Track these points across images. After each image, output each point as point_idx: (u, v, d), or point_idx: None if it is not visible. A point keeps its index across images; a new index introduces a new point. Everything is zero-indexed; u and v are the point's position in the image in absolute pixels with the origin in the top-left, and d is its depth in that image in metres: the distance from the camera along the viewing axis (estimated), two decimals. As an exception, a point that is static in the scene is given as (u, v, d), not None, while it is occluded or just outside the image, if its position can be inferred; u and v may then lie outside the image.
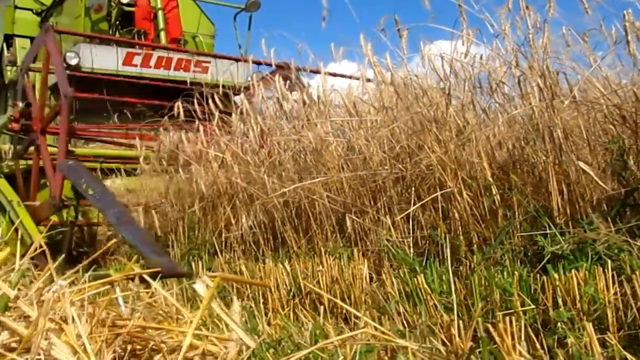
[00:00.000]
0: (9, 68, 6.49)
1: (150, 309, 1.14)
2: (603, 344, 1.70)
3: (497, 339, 1.33)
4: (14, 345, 0.81)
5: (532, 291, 2.04)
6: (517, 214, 2.53)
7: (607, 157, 2.43)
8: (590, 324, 1.34)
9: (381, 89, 2.96)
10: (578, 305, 1.87)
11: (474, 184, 2.69)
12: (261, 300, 3.16)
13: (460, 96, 2.71)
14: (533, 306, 1.96)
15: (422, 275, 2.41)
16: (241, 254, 3.93)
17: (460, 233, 2.73)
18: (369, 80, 3.21)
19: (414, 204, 2.86)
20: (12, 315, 0.88)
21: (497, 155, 2.57)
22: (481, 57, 2.72)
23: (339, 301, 2.50)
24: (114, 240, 4.07)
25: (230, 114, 4.11)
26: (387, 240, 2.94)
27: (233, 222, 3.90)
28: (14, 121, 4.81)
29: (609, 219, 2.19)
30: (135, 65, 5.78)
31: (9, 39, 6.72)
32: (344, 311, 2.86)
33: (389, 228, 2.97)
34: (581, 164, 2.11)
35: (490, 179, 2.61)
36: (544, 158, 2.45)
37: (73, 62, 5.50)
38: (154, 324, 1.03)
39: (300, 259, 3.31)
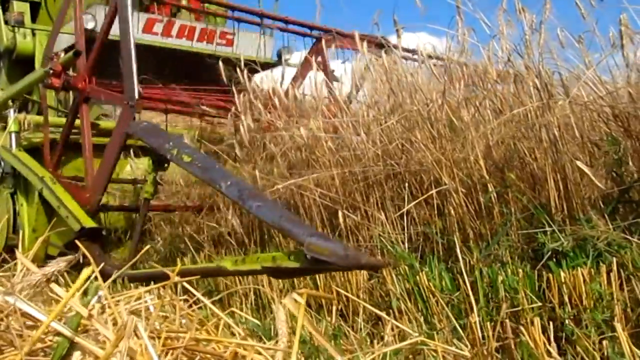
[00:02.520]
0: (7, 31, 5.53)
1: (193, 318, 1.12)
2: (610, 338, 1.76)
3: (526, 339, 1.36)
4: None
5: (537, 288, 2.09)
6: (513, 210, 2.58)
7: (601, 156, 2.51)
8: (619, 324, 1.38)
9: (376, 87, 2.96)
10: (585, 302, 1.93)
11: (470, 180, 2.73)
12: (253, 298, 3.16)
13: (456, 94, 2.74)
14: (540, 303, 2.01)
15: (423, 272, 2.44)
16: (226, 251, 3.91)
17: (456, 229, 2.77)
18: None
19: (407, 200, 2.89)
20: (86, 334, 0.85)
21: (494, 152, 2.61)
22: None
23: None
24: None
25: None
26: (380, 235, 2.96)
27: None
28: (54, 75, 3.86)
29: (605, 216, 2.25)
30: (156, 34, 5.06)
31: (5, 2, 5.97)
32: (340, 308, 2.88)
33: (382, 224, 2.99)
34: (579, 163, 2.17)
35: (487, 176, 2.66)
36: (540, 156, 2.51)
37: (89, 25, 4.54)
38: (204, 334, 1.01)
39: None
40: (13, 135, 4.39)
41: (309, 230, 1.82)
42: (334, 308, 2.78)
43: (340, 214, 3.17)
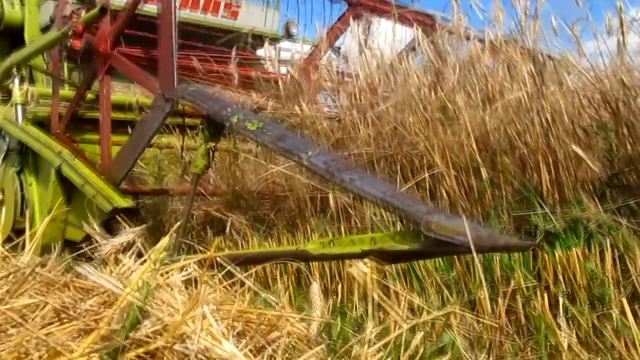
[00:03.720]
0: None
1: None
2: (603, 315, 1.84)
3: (538, 311, 1.41)
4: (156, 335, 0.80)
5: (533, 268, 2.16)
6: (505, 193, 2.65)
7: (589, 141, 2.58)
8: (625, 299, 1.44)
9: (369, 71, 2.99)
10: (579, 280, 2.00)
11: (461, 163, 2.78)
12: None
13: (451, 79, 2.79)
14: (535, 282, 2.08)
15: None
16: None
17: (448, 211, 2.83)
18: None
19: (400, 183, 2.93)
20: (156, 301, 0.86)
21: (491, 137, 2.66)
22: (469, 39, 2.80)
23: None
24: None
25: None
26: (373, 217, 3.00)
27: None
28: (75, 36, 3.41)
29: (595, 199, 2.33)
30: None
31: None
32: (333, 288, 2.92)
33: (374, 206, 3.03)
34: (574, 147, 2.23)
35: (479, 159, 2.71)
36: (533, 140, 2.57)
37: None
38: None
39: (283, 237, 3.33)
40: (19, 108, 3.88)
41: (426, 207, 1.54)
42: (329, 288, 2.82)
43: (331, 196, 3.20)
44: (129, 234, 1.01)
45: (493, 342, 1.47)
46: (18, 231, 3.17)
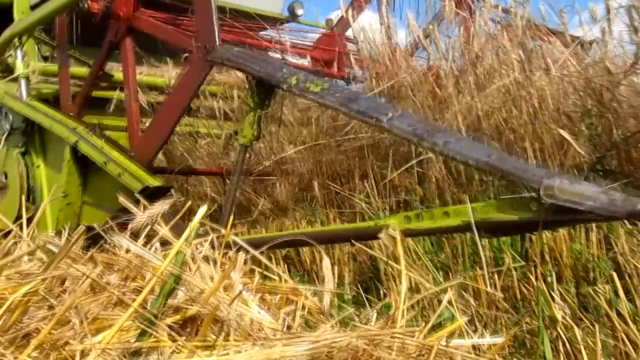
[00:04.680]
0: None
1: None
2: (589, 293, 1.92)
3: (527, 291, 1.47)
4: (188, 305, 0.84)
5: (520, 248, 2.23)
6: (491, 177, 2.71)
7: (574, 126, 2.66)
8: (615, 273, 1.51)
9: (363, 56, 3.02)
10: (565, 260, 2.08)
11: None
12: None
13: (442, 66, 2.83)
14: (523, 263, 2.15)
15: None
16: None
17: (436, 196, 2.89)
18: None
19: (390, 169, 2.98)
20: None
21: (483, 123, 2.72)
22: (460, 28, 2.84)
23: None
24: None
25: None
26: (362, 201, 3.05)
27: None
28: None
29: (580, 183, 2.41)
30: None
31: None
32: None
33: (364, 192, 3.08)
34: (562, 132, 2.30)
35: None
36: (520, 126, 2.64)
37: None
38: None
39: (270, 223, 3.36)
40: (23, 82, 3.48)
41: (543, 170, 1.37)
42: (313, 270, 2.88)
43: (316, 183, 3.24)
44: (164, 204, 1.03)
45: (490, 316, 1.53)
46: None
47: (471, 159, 1.45)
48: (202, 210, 0.87)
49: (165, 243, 1.04)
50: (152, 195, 2.38)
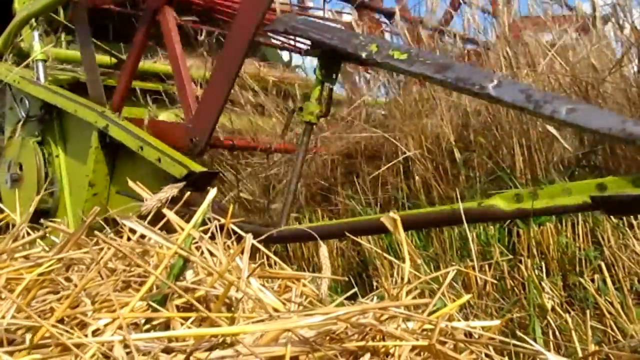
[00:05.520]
0: None
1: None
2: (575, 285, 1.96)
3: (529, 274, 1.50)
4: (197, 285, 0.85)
5: (507, 242, 2.27)
6: (478, 174, 2.75)
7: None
8: (603, 262, 1.54)
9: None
10: (552, 253, 2.11)
11: (437, 149, 2.88)
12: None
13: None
14: (511, 256, 2.18)
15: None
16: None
17: (422, 193, 2.92)
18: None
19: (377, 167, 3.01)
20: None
21: (471, 120, 2.76)
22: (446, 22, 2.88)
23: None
24: None
25: None
26: (350, 197, 3.07)
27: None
28: None
29: (566, 179, 2.45)
30: None
31: None
32: (313, 264, 2.99)
33: (352, 190, 3.10)
34: (550, 127, 2.34)
35: (453, 142, 2.81)
36: (507, 123, 2.68)
37: None
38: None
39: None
40: (41, 65, 3.24)
41: None
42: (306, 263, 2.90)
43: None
44: (173, 188, 1.03)
45: (481, 306, 1.56)
46: (41, 213, 2.79)
47: (606, 128, 1.31)
48: (212, 193, 0.87)
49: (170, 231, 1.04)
50: (197, 181, 2.21)
